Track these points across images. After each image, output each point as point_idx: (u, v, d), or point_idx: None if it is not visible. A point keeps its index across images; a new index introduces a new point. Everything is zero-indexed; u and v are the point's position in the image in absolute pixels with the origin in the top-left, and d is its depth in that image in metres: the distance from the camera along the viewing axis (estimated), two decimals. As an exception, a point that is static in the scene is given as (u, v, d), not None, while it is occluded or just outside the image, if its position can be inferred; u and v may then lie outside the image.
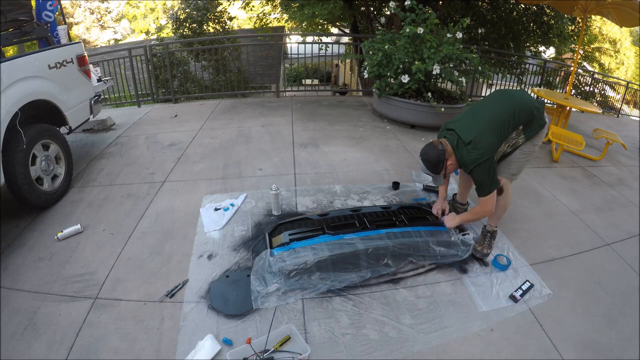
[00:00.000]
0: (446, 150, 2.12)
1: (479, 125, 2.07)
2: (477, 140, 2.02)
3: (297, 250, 2.16)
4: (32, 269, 2.25)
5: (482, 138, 2.02)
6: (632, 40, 15.13)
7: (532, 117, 2.09)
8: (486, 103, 2.23)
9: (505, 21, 7.55)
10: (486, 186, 2.07)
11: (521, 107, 2.08)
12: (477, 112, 2.17)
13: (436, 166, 2.12)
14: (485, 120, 2.08)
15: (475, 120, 2.12)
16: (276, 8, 9.15)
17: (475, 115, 2.15)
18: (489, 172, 2.03)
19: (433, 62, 4.15)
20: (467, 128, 2.09)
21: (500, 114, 2.08)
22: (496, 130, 2.05)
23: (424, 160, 2.16)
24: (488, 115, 2.10)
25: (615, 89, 10.13)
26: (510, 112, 2.06)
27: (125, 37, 25.06)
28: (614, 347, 1.84)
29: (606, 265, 2.43)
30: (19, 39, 3.47)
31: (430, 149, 2.14)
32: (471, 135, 2.04)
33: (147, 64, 6.08)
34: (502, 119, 2.06)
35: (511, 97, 2.18)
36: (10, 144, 2.57)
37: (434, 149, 2.12)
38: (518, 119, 2.06)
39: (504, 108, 2.10)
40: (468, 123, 2.12)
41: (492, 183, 2.06)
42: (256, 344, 1.67)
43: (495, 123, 2.05)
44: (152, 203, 2.90)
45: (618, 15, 4.61)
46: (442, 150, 2.10)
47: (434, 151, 2.11)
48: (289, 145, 3.93)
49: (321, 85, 11.29)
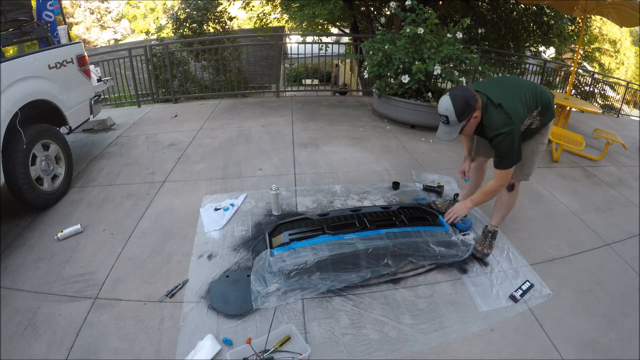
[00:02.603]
0: (477, 101, 1.92)
1: (508, 92, 1.96)
2: (506, 104, 1.88)
3: (297, 250, 2.16)
4: (32, 269, 2.25)
5: (512, 104, 1.90)
6: (632, 40, 15.13)
7: (549, 104, 2.03)
8: (508, 78, 2.23)
9: (505, 21, 7.55)
10: (507, 156, 1.93)
11: (542, 89, 2.04)
12: (502, 82, 2.12)
13: (464, 110, 1.89)
14: (514, 89, 1.99)
15: (502, 87, 2.01)
16: (276, 8, 9.14)
17: (500, 84, 2.07)
18: (513, 141, 1.88)
19: (433, 62, 4.15)
20: (495, 92, 1.95)
21: (526, 87, 2.00)
22: (524, 101, 1.94)
23: (452, 96, 1.91)
24: (514, 86, 2.02)
25: (615, 89, 10.13)
26: (534, 88, 2.01)
27: (125, 37, 25.06)
28: (614, 347, 1.84)
29: (606, 265, 2.43)
30: (19, 39, 3.47)
31: (463, 89, 1.94)
32: (500, 99, 1.90)
33: (147, 64, 6.08)
34: (528, 92, 1.97)
35: (528, 81, 2.17)
36: (10, 144, 2.57)
37: (467, 90, 1.93)
38: (540, 98, 1.99)
39: (528, 84, 2.05)
40: (495, 88, 1.99)
41: (514, 155, 1.92)
42: (256, 344, 1.67)
43: (523, 94, 1.95)
44: (152, 203, 2.90)
45: (618, 15, 4.61)
46: (474, 96, 1.91)
47: (467, 92, 1.91)
48: (289, 145, 3.93)
49: (321, 85, 11.29)
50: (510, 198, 2.27)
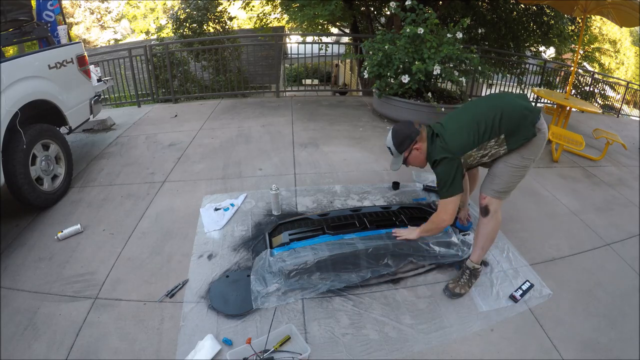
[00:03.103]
0: (421, 134, 2.01)
1: (459, 123, 1.96)
2: (449, 136, 1.92)
3: (297, 250, 2.16)
4: (32, 269, 2.25)
5: (455, 135, 1.92)
6: (632, 40, 15.12)
7: (518, 126, 1.86)
8: (478, 102, 2.09)
9: (505, 21, 7.55)
10: (445, 185, 1.90)
11: (508, 112, 1.87)
12: (466, 109, 2.06)
13: (402, 142, 2.00)
14: (467, 119, 1.95)
15: (459, 117, 2.01)
16: (276, 8, 9.14)
17: (462, 112, 2.04)
18: (450, 172, 1.88)
19: (433, 62, 4.15)
20: (448, 123, 2.00)
21: (483, 115, 1.90)
22: (473, 132, 1.89)
23: (394, 130, 2.04)
24: (471, 115, 1.96)
25: (615, 89, 10.13)
26: (493, 115, 1.87)
27: (125, 37, 25.06)
28: (614, 347, 1.84)
29: (606, 265, 2.43)
30: (19, 39, 3.47)
31: (406, 124, 2.04)
32: (447, 130, 1.95)
33: (147, 64, 6.08)
34: (483, 120, 1.88)
35: (502, 100, 1.98)
36: (10, 144, 2.57)
37: (409, 125, 2.02)
38: (500, 124, 1.85)
39: (489, 110, 1.91)
40: (452, 118, 2.03)
41: (452, 184, 1.89)
42: (256, 344, 1.67)
43: (474, 124, 1.89)
44: (152, 203, 2.90)
45: (618, 15, 4.61)
46: (416, 130, 2.00)
47: (407, 127, 2.02)
48: (289, 145, 3.93)
49: (321, 85, 11.29)
50: (487, 225, 2.01)
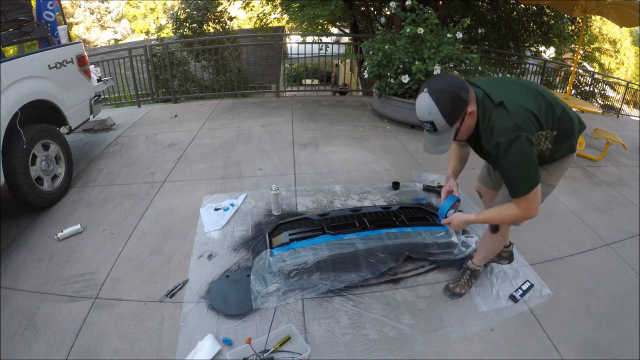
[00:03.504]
0: (470, 92, 1.40)
1: (516, 91, 1.45)
2: (512, 104, 1.37)
3: (297, 250, 2.16)
4: (32, 269, 2.25)
5: (519, 104, 1.38)
6: (632, 40, 15.11)
7: (571, 131, 1.50)
8: (519, 81, 1.63)
9: (505, 21, 7.56)
10: (519, 176, 1.37)
11: (567, 111, 1.50)
12: (509, 82, 1.60)
13: (454, 107, 1.36)
14: (525, 91, 1.46)
15: (508, 86, 1.51)
16: (276, 8, 9.15)
17: (506, 83, 1.57)
18: (523, 152, 1.33)
19: (433, 62, 4.15)
20: (497, 89, 1.45)
21: (545, 97, 1.47)
22: (538, 109, 1.41)
23: (434, 92, 1.35)
24: (527, 88, 1.49)
25: (615, 89, 10.13)
26: (555, 104, 1.47)
27: (125, 37, 25.06)
28: (614, 347, 1.84)
29: (606, 265, 2.43)
30: (19, 39, 3.47)
31: (446, 79, 1.41)
32: (503, 96, 1.39)
33: (147, 64, 6.08)
34: (546, 103, 1.45)
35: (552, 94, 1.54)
36: (10, 144, 2.57)
37: (452, 79, 1.41)
38: (559, 119, 1.46)
39: (549, 95, 1.50)
40: (497, 85, 1.48)
41: (531, 170, 1.36)
42: (256, 344, 1.67)
43: (538, 101, 1.44)
44: (152, 203, 2.90)
45: (618, 15, 4.61)
46: (463, 84, 1.40)
47: (452, 81, 1.39)
48: (289, 145, 3.93)
49: (321, 85, 11.29)
50: (492, 240, 1.85)
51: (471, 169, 3.56)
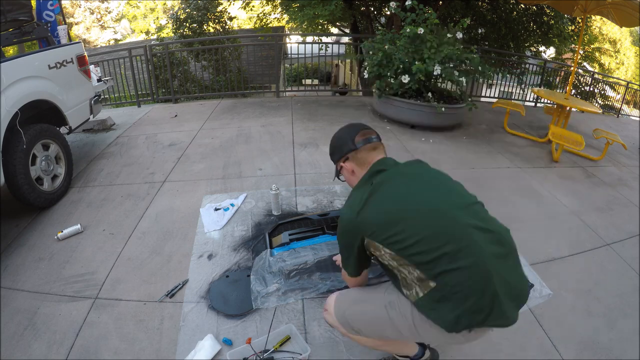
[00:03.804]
0: (357, 154, 1.34)
1: (401, 197, 1.19)
2: (376, 198, 1.19)
3: (297, 250, 2.16)
4: (32, 269, 2.25)
5: (380, 205, 1.18)
6: (632, 40, 15.11)
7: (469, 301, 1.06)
8: (445, 181, 1.29)
9: (505, 21, 7.56)
10: (342, 255, 1.34)
11: (483, 266, 1.07)
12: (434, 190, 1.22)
13: (333, 151, 1.43)
14: (415, 206, 1.16)
15: (412, 188, 1.21)
16: (276, 8, 9.15)
17: (422, 189, 1.22)
18: (346, 242, 1.27)
19: (433, 62, 4.15)
20: (396, 179, 1.24)
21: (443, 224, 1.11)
22: (406, 232, 1.11)
23: (337, 131, 1.46)
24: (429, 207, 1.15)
25: (615, 89, 10.13)
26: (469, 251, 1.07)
27: (125, 37, 25.07)
28: (614, 347, 1.84)
29: (606, 265, 2.43)
30: (19, 39, 3.47)
31: (351, 129, 1.40)
32: (384, 186, 1.21)
33: (147, 64, 6.08)
34: (435, 234, 1.10)
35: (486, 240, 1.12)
36: (10, 144, 2.57)
37: (351, 132, 1.37)
38: (451, 269, 1.06)
39: (460, 232, 1.10)
40: (406, 181, 1.24)
41: (347, 260, 1.31)
42: (256, 344, 1.67)
43: (422, 225, 1.12)
44: (152, 203, 2.90)
45: (618, 15, 4.61)
46: (351, 144, 1.34)
47: (347, 133, 1.38)
48: (289, 145, 3.93)
49: (321, 85, 11.29)
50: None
51: (471, 169, 3.57)
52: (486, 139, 4.50)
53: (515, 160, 3.92)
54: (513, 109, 4.86)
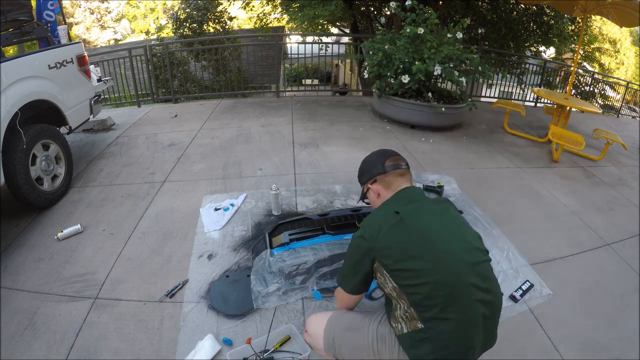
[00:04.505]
0: (386, 178, 1.39)
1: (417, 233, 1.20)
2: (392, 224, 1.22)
3: (297, 250, 2.16)
4: (32, 269, 2.25)
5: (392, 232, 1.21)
6: (632, 40, 15.11)
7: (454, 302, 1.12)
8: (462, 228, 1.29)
9: (505, 21, 7.56)
10: (342, 267, 1.39)
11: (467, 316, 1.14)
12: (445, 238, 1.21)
13: (362, 173, 1.50)
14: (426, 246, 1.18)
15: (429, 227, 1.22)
16: (276, 8, 9.15)
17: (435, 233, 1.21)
18: (353, 254, 1.30)
19: (434, 62, 4.15)
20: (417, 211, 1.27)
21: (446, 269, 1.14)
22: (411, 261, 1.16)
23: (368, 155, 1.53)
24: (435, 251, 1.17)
25: (615, 89, 10.12)
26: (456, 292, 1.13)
27: (125, 37, 25.07)
28: (614, 347, 1.84)
29: (606, 265, 2.43)
30: (19, 39, 3.47)
31: (381, 155, 1.47)
32: (405, 215, 1.23)
33: (147, 64, 6.08)
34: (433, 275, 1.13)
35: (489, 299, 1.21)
36: (10, 144, 2.57)
37: (380, 157, 1.45)
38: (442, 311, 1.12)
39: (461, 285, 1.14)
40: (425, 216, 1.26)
41: (344, 272, 1.35)
42: (256, 344, 1.67)
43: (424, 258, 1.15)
44: (152, 203, 2.90)
45: (618, 15, 4.61)
46: (381, 168, 1.40)
47: (377, 158, 1.46)
48: (289, 145, 3.93)
49: (321, 85, 11.29)
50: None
51: (471, 169, 3.57)
52: (486, 139, 4.50)
53: (515, 160, 3.92)
54: (513, 109, 4.86)
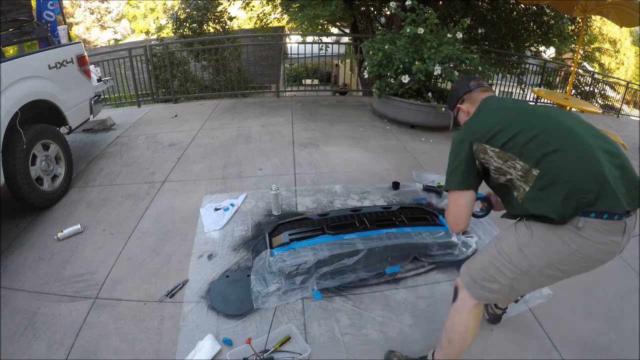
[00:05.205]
0: (471, 95, 1.48)
1: (507, 110, 1.34)
2: (483, 111, 1.38)
3: (297, 250, 2.16)
4: (32, 269, 2.25)
5: (486, 113, 1.36)
6: (632, 40, 15.11)
7: (566, 182, 1.10)
8: (559, 112, 1.38)
9: (505, 21, 7.56)
10: (447, 169, 1.40)
11: (578, 148, 1.15)
12: (534, 109, 1.37)
13: (450, 98, 1.59)
14: (516, 112, 1.30)
15: (517, 107, 1.36)
16: (276, 8, 9.15)
17: (525, 107, 1.36)
18: (454, 152, 1.37)
19: (433, 62, 4.15)
20: (503, 103, 1.40)
21: (540, 122, 1.23)
22: (507, 125, 1.24)
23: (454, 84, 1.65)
24: (526, 112, 1.30)
25: (615, 89, 10.12)
26: (553, 132, 1.19)
27: (125, 37, 25.07)
28: (614, 347, 1.84)
29: (606, 265, 2.42)
30: (19, 39, 3.47)
31: (465, 80, 1.56)
32: (487, 108, 1.39)
33: (147, 64, 6.08)
34: (532, 127, 1.21)
35: (586, 132, 1.27)
36: (11, 144, 2.57)
37: (465, 81, 1.55)
38: (548, 153, 1.14)
39: (555, 124, 1.23)
40: (511, 106, 1.37)
41: (451, 172, 1.36)
42: (256, 344, 1.67)
43: (519, 120, 1.25)
44: (152, 203, 2.90)
45: (618, 15, 4.61)
46: (466, 87, 1.50)
47: (463, 82, 1.56)
48: (289, 145, 3.93)
49: (321, 85, 11.29)
50: (451, 317, 1.46)
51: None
52: (486, 139, 4.49)
53: (515, 160, 3.91)
54: None
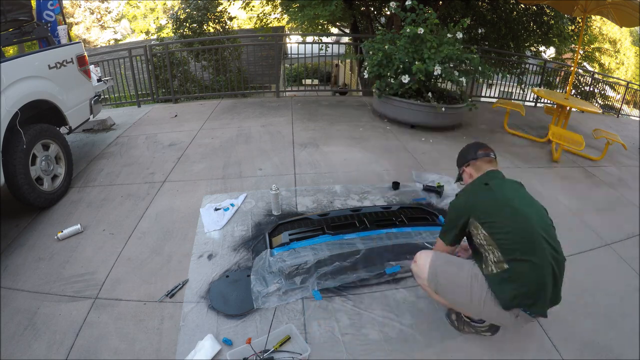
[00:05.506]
0: (476, 163, 1.77)
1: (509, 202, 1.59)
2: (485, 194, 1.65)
3: (297, 250, 2.16)
4: (32, 269, 2.25)
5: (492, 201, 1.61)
6: (632, 40, 15.10)
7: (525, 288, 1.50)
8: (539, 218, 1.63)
9: (505, 21, 7.55)
10: (444, 225, 1.79)
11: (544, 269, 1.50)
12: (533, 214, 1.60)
13: (459, 157, 1.89)
14: (519, 212, 1.56)
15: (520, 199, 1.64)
16: (276, 8, 9.15)
17: (528, 205, 1.64)
18: (452, 217, 1.70)
19: (433, 62, 4.15)
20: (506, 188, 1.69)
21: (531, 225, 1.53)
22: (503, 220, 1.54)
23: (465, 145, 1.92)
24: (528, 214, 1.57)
25: (615, 89, 10.12)
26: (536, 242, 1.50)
27: (125, 37, 25.07)
28: (614, 347, 1.84)
29: (606, 265, 2.43)
30: (19, 39, 3.47)
31: (475, 146, 1.84)
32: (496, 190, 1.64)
33: (147, 64, 6.08)
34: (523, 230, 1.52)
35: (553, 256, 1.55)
36: (10, 144, 2.57)
37: (475, 147, 1.83)
38: (519, 259, 1.50)
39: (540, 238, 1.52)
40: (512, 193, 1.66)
41: (446, 230, 1.74)
42: (256, 344, 1.67)
43: (516, 218, 1.54)
44: (152, 203, 2.90)
45: (618, 15, 4.61)
46: (474, 155, 1.79)
47: (472, 148, 1.84)
48: (289, 145, 3.93)
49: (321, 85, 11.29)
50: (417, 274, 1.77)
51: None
52: (486, 139, 4.49)
53: (515, 160, 3.92)
54: (513, 109, 4.86)
